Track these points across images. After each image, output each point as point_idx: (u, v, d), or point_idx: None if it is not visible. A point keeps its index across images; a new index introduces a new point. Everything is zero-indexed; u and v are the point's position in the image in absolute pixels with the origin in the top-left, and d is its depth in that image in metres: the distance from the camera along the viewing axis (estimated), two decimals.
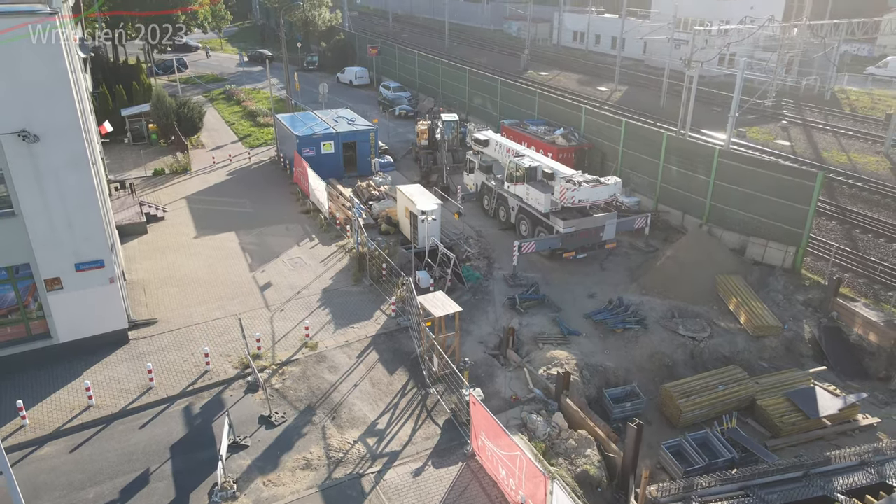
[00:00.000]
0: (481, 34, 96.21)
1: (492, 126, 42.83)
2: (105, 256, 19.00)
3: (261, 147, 41.42)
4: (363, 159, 35.36)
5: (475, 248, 26.75)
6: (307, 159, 33.06)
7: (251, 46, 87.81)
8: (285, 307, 22.50)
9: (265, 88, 59.22)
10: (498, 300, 23.25)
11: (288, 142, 35.47)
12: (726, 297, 22.91)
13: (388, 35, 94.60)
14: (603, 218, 25.36)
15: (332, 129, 34.70)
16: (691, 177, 27.59)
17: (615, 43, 75.45)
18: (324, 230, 28.58)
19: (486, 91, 42.98)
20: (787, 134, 43.95)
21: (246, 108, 50.18)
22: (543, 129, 34.73)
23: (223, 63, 73.41)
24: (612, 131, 31.66)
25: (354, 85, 59.76)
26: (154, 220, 29.38)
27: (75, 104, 17.34)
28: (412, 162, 38.45)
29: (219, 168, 37.18)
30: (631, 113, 48.52)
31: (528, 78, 63.60)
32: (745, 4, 62.42)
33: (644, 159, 29.96)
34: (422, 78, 52.65)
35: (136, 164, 37.68)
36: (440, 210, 25.75)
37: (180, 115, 40.56)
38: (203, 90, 58.79)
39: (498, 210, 29.39)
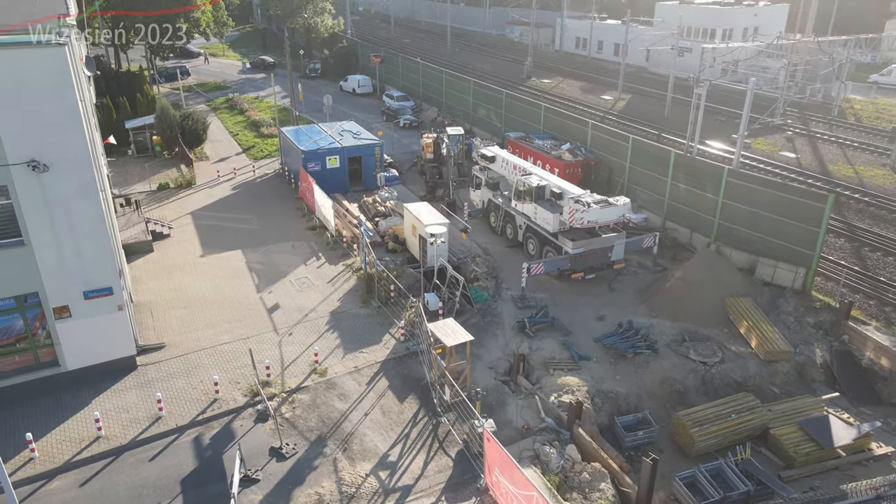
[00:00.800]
0: (483, 39, 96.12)
1: (496, 138, 42.75)
2: (114, 284, 18.88)
3: (265, 159, 41.30)
4: (368, 173, 35.24)
5: (483, 268, 26.63)
6: (312, 174, 32.94)
7: (253, 52, 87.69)
8: (293, 331, 22.37)
9: (268, 97, 59.14)
10: (507, 323, 23.13)
11: (293, 156, 35.36)
12: (737, 321, 22.79)
13: (390, 40, 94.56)
14: (612, 238, 25.24)
15: (337, 144, 34.59)
16: (699, 195, 27.47)
17: (618, 50, 75.40)
18: (330, 248, 28.46)
19: (491, 103, 42.88)
20: (792, 145, 43.84)
21: (249, 119, 50.06)
22: (550, 144, 34.62)
23: (225, 70, 73.29)
24: (619, 147, 31.55)
25: (357, 93, 59.66)
26: (160, 237, 29.25)
27: (85, 134, 17.22)
28: (417, 175, 38.36)
29: (223, 182, 37.05)
30: (635, 123, 48.45)
31: (531, 85, 63.54)
32: (748, 13, 62.40)
33: (651, 176, 29.85)
34: (425, 87, 52.55)
35: (140, 177, 37.57)
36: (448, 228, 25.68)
37: (184, 127, 40.44)
38: (206, 99, 58.68)
39: (505, 227, 29.27)
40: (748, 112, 28.21)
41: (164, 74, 65.96)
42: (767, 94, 49.86)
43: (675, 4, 66.54)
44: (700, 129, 36.00)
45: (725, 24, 61.41)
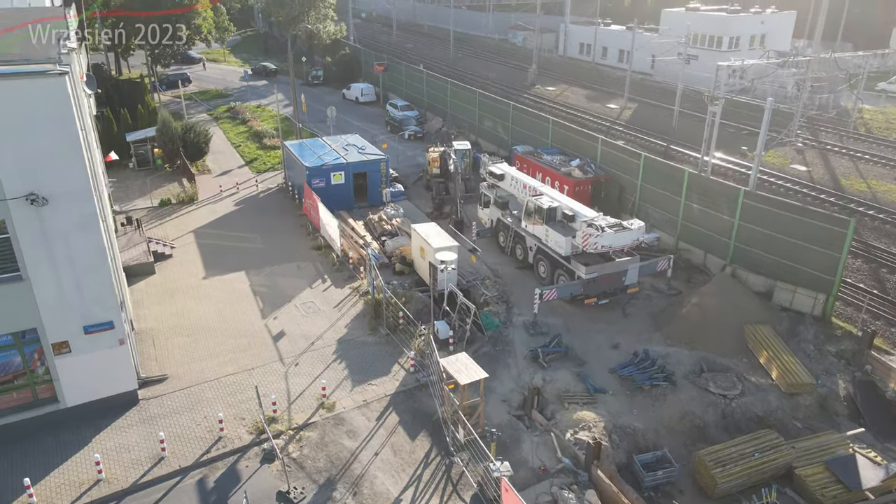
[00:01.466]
0: (486, 44, 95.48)
1: (502, 150, 42.12)
2: (115, 318, 18.25)
3: (268, 172, 40.68)
4: (374, 189, 34.61)
5: (493, 291, 25.98)
6: (316, 190, 32.32)
7: (254, 57, 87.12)
8: (300, 360, 21.74)
9: (270, 105, 58.57)
10: (519, 351, 22.48)
11: (297, 171, 34.73)
12: (756, 350, 22.14)
13: (392, 45, 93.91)
14: (626, 262, 24.60)
15: (342, 159, 33.95)
16: (714, 216, 26.83)
17: (623, 56, 74.82)
18: (336, 269, 27.82)
19: (497, 115, 42.24)
20: (803, 158, 43.19)
21: (252, 129, 49.42)
22: (559, 160, 33.96)
23: (227, 76, 72.65)
24: (630, 164, 30.90)
25: (360, 102, 59.04)
26: (162, 258, 28.61)
27: (86, 165, 16.58)
28: (423, 189, 37.73)
29: (226, 197, 36.42)
30: (643, 134, 47.81)
31: (535, 93, 62.93)
32: (755, 20, 61.76)
33: (664, 195, 29.20)
34: (430, 97, 51.91)
35: (141, 192, 36.94)
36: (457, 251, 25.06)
37: (186, 140, 39.81)
38: (207, 108, 58.05)
39: (515, 248, 28.63)
40: (765, 132, 27.59)
41: (165, 82, 65.36)
42: (781, 108, 49.11)
43: (680, 12, 65.90)
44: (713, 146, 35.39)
45: (732, 31, 60.77)
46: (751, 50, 62.17)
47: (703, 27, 62.59)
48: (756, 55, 62.30)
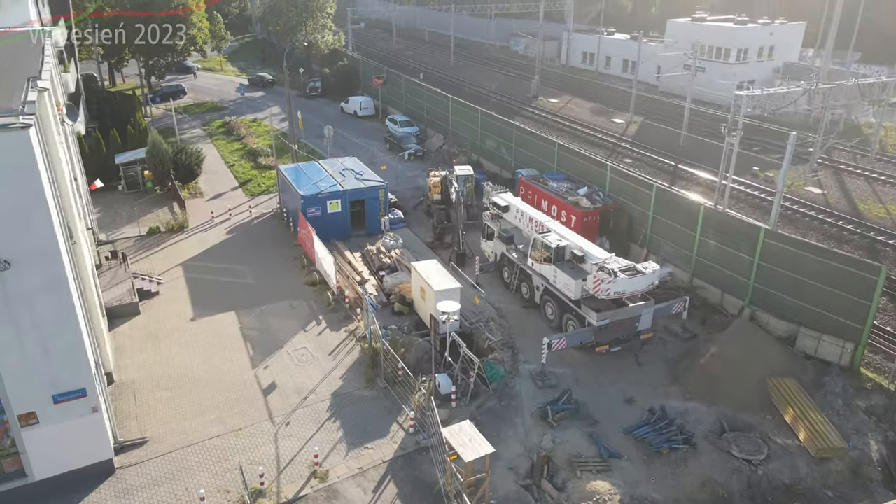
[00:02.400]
0: (486, 51, 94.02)
1: (505, 171, 40.64)
2: (87, 384, 16.73)
3: (262, 196, 39.15)
4: (372, 217, 33.09)
5: (497, 335, 24.47)
6: (312, 219, 30.83)
7: (252, 66, 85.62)
8: (291, 418, 20.23)
9: (267, 119, 56.97)
10: (527, 407, 20.97)
11: (292, 198, 33.22)
12: (781, 406, 20.63)
13: (392, 52, 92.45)
14: (639, 307, 23.10)
15: (338, 186, 32.44)
16: (732, 254, 25.32)
17: (627, 66, 73.36)
18: (331, 309, 26.30)
19: (501, 135, 40.71)
20: (818, 179, 41.66)
21: (246, 146, 47.90)
22: (566, 188, 32.44)
23: (223, 87, 71.12)
24: (641, 195, 29.39)
25: (359, 116, 57.51)
26: (147, 295, 27.10)
27: (53, 224, 15.06)
28: (424, 215, 36.22)
29: (218, 224, 34.91)
30: (649, 152, 46.28)
31: (538, 106, 61.44)
32: (764, 32, 60.27)
33: (677, 229, 27.69)
34: (430, 113, 50.41)
35: (129, 218, 35.42)
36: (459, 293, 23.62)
37: (177, 162, 38.30)
38: (202, 122, 56.54)
39: (520, 286, 27.11)
40: (787, 167, 26.08)
41: (159, 94, 63.89)
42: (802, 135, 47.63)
43: (687, 22, 64.43)
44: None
45: (741, 43, 59.27)
46: (759, 62, 60.79)
47: (710, 39, 61.08)
48: (764, 67, 60.98)
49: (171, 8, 56.16)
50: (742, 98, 27.27)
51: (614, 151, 47.73)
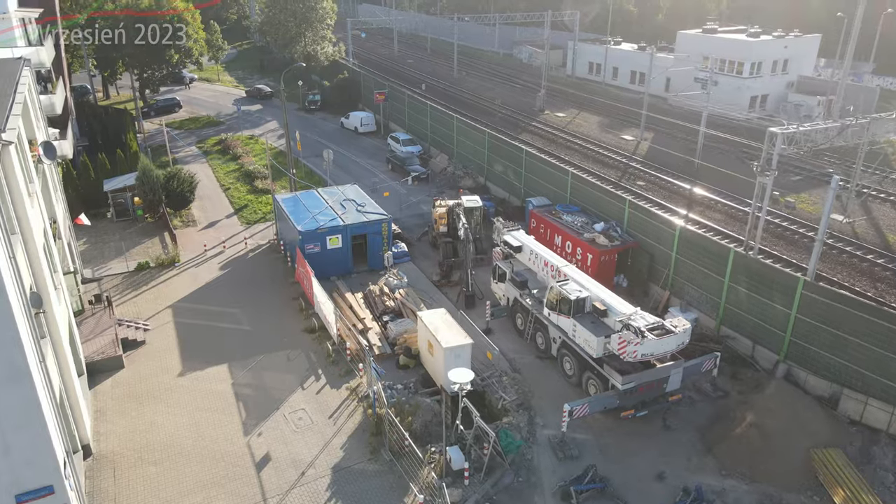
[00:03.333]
0: (490, 59, 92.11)
1: (514, 197, 38.71)
2: (55, 480, 14.76)
3: (259, 224, 37.18)
4: (374, 253, 31.16)
5: (512, 394, 22.52)
6: (311, 256, 28.95)
7: (249, 76, 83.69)
8: (287, 499, 18.27)
9: (263, 136, 55.09)
10: (547, 483, 19.03)
11: (289, 231, 31.27)
12: (828, 484, 18.69)
13: (393, 60, 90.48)
14: (668, 368, 21.14)
15: (338, 220, 30.48)
16: (766, 304, 23.37)
17: (635, 77, 71.44)
18: (331, 362, 24.33)
19: (510, 159, 38.74)
20: (840, 203, 39.65)
21: (243, 167, 45.94)
22: (581, 223, 30.46)
23: (219, 99, 69.14)
24: (664, 234, 27.44)
25: (360, 132, 55.52)
26: (133, 345, 25.14)
27: (12, 312, 13.11)
28: (428, 247, 34.28)
29: (211, 257, 32.95)
30: (662, 173, 44.30)
31: (544, 120, 59.51)
32: (778, 45, 58.34)
33: (704, 272, 25.75)
34: (435, 131, 48.45)
35: (117, 250, 33.47)
36: (470, 349, 21.75)
37: (169, 189, 36.34)
38: (197, 138, 54.57)
39: (535, 335, 25.14)
40: (828, 216, 24.19)
41: (154, 108, 61.98)
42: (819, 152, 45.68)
43: (698, 35, 62.50)
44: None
45: (755, 57, 57.32)
46: (773, 75, 58.86)
47: (722, 51, 59.16)
48: (778, 80, 59.07)
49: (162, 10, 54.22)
50: (777, 136, 25.20)
51: (626, 172, 45.77)
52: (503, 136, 51.47)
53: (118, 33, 51.69)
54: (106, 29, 52.18)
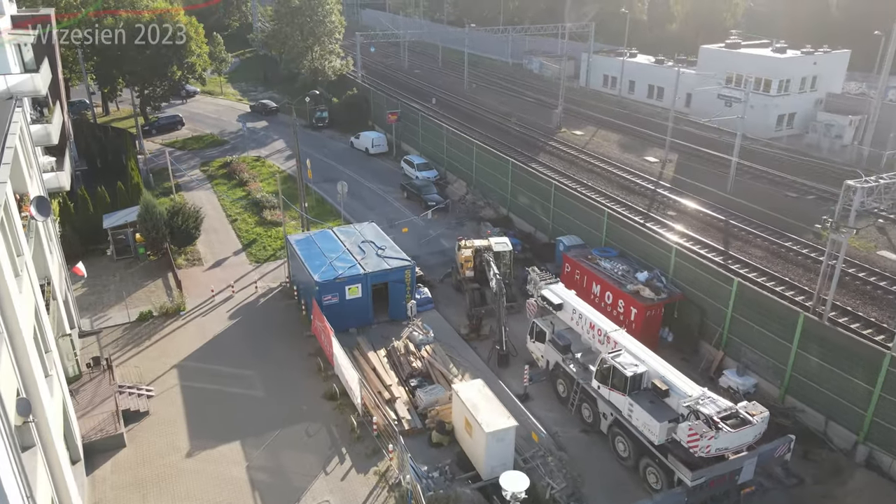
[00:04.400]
0: (499, 69, 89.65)
1: (540, 232, 36.28)
2: None
3: (269, 263, 34.75)
4: (396, 302, 28.72)
5: (560, 479, 20.07)
6: (329, 308, 26.63)
7: (253, 88, 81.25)
8: None
9: (271, 157, 52.73)
10: None
11: (304, 278, 28.86)
12: None
13: (401, 70, 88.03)
14: (741, 459, 18.72)
15: (358, 267, 28.04)
16: (842, 377, 20.95)
17: (652, 92, 69.12)
18: (356, 438, 21.88)
19: (537, 192, 36.28)
20: (888, 240, 37.30)
21: (250, 194, 43.49)
22: (621, 270, 28.02)
23: (223, 115, 66.67)
24: (718, 288, 25.00)
25: (371, 153, 53.04)
26: (136, 417, 22.70)
27: None
28: (452, 290, 31.85)
29: (219, 304, 30.51)
30: (694, 201, 41.86)
31: (562, 139, 57.14)
32: (807, 62, 55.90)
33: (767, 336, 23.31)
34: (451, 156, 46.01)
35: (117, 295, 31.04)
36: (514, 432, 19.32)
37: (173, 226, 33.91)
38: (201, 160, 52.12)
39: (581, 407, 22.69)
40: None
41: (156, 126, 59.55)
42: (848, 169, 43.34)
43: (722, 50, 60.03)
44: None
45: (783, 74, 54.88)
46: (801, 93, 56.45)
47: (748, 68, 56.66)
48: (806, 98, 56.63)
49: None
50: (855, 190, 22.75)
51: (654, 200, 43.35)
52: (521, 156, 49.40)
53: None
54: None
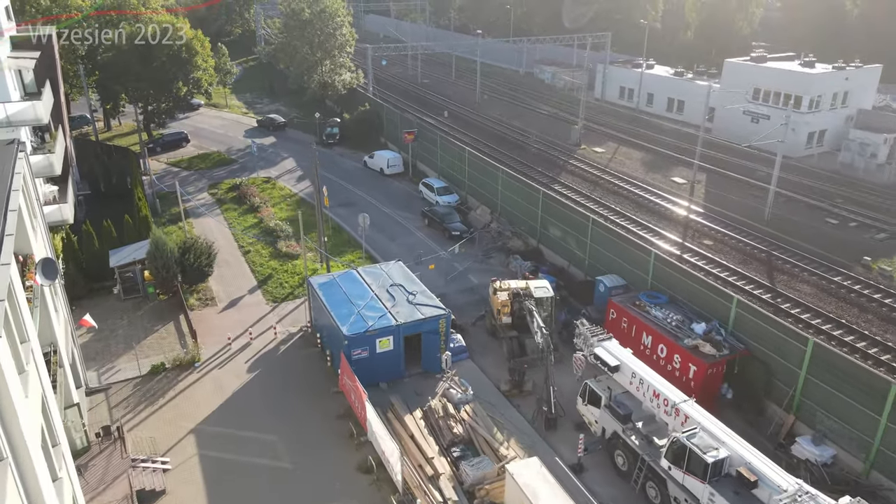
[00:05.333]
0: (510, 78, 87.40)
1: (574, 267, 34.10)
2: None
3: (287, 302, 32.51)
4: (430, 355, 26.53)
5: None
6: (358, 362, 24.52)
7: (259, 99, 79.01)
8: None
9: (280, 178, 50.51)
10: None
11: (329, 328, 26.69)
12: None
13: (409, 79, 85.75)
14: None
15: (389, 318, 25.83)
16: None
17: (672, 105, 67.01)
18: None
19: (571, 225, 34.05)
20: None
21: (262, 221, 41.26)
22: (675, 321, 25.82)
23: (229, 130, 64.39)
24: (790, 347, 22.81)
25: (386, 174, 50.83)
26: (151, 497, 20.48)
27: None
28: (485, 334, 29.68)
29: (236, 353, 28.29)
30: (731, 229, 39.77)
31: (582, 156, 55.06)
32: (839, 77, 53.77)
33: (846, 402, 21.16)
34: (473, 179, 43.83)
35: (126, 341, 28.82)
36: None
37: (185, 264, 31.70)
38: (209, 181, 49.87)
39: (645, 485, 20.50)
40: None
41: (160, 143, 57.30)
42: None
43: (746, 63, 57.88)
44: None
45: (814, 91, 52.75)
46: (832, 109, 54.37)
47: (777, 83, 54.67)
48: (837, 115, 54.56)
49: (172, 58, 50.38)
50: None
51: (688, 228, 41.14)
52: (543, 176, 47.09)
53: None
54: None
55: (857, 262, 36.06)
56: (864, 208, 43.82)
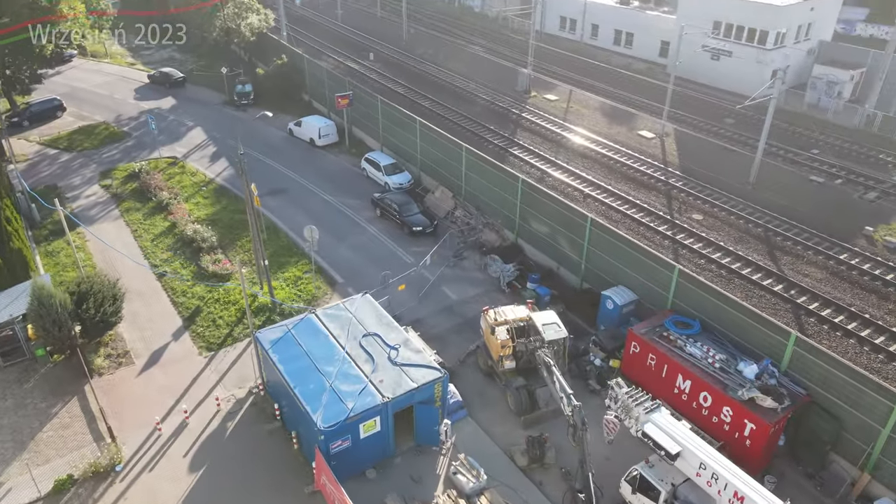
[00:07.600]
0: (437, 9, 78.59)
1: (565, 269, 29.15)
2: None
3: (226, 349, 25.86)
4: (425, 428, 21.13)
5: None
6: (338, 455, 18.98)
7: (145, 44, 66.52)
8: None
9: (190, 156, 41.85)
10: None
11: (295, 412, 20.52)
12: None
13: (326, 14, 75.21)
14: None
15: (373, 394, 19.98)
16: None
17: (619, 38, 61.62)
18: None
19: (563, 224, 28.64)
20: None
21: (176, 227, 33.34)
22: (718, 360, 21.45)
23: (115, 89, 53.46)
24: (861, 394, 19.02)
25: (318, 146, 43.10)
26: None
27: None
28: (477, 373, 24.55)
29: (169, 441, 21.83)
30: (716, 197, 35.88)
31: (534, 106, 49.32)
32: (804, 8, 49.69)
33: None
34: (427, 155, 37.21)
35: (15, 444, 21.68)
36: None
37: (83, 318, 24.24)
38: (98, 167, 40.52)
39: None
40: None
41: (28, 115, 46.40)
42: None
43: None
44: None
45: (781, 24, 48.52)
46: (796, 44, 50.57)
47: (740, 17, 50.08)
48: (799, 49, 50.85)
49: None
50: None
51: (670, 198, 36.93)
52: (495, 135, 39.76)
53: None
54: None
55: (858, 232, 33.16)
56: (844, 160, 41.02)
